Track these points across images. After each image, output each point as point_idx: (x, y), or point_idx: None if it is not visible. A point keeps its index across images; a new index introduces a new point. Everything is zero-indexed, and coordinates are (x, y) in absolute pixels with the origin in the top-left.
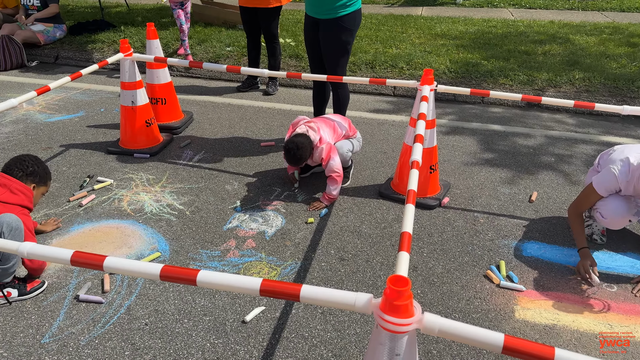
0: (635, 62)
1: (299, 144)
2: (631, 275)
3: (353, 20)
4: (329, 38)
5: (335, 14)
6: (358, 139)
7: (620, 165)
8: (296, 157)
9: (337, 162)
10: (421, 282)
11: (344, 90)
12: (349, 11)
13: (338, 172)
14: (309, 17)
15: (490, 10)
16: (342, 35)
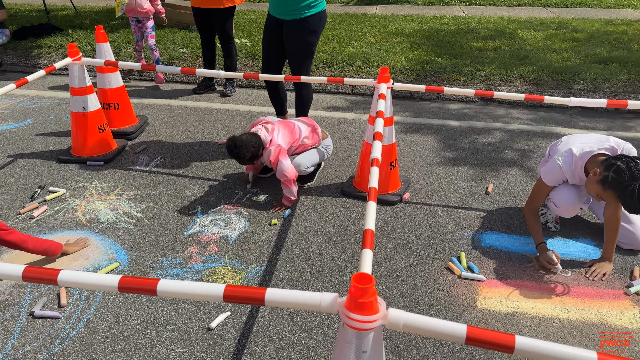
0: (579, 55)
1: (238, 142)
2: (584, 260)
3: (318, 20)
4: (294, 39)
5: (300, 14)
6: (324, 147)
7: (564, 156)
8: (234, 155)
9: (286, 166)
10: (386, 278)
11: (307, 91)
12: (314, 12)
13: (287, 177)
14: (272, 17)
15: (442, 8)
16: (307, 36)
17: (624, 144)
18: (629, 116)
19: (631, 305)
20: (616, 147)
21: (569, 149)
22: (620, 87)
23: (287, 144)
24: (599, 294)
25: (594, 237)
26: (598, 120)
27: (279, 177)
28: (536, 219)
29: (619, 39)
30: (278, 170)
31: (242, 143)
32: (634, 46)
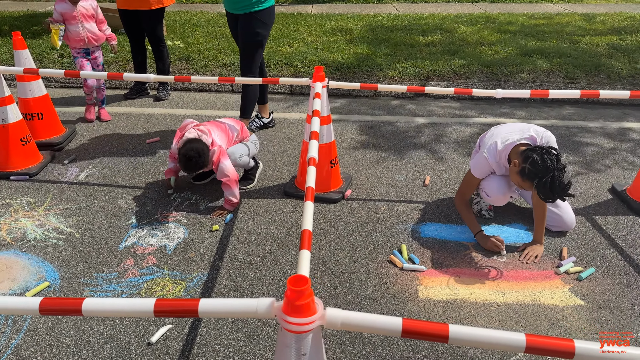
0: (506, 48)
1: (199, 150)
2: (517, 244)
3: (269, 15)
4: (247, 32)
5: (252, 8)
6: (253, 142)
7: (489, 149)
8: (198, 165)
9: (228, 166)
10: (330, 275)
11: (254, 87)
12: (265, 6)
13: (229, 177)
14: (229, 13)
15: (377, 6)
16: (258, 28)
17: (543, 132)
18: (551, 105)
19: (562, 284)
20: (536, 136)
21: (494, 142)
22: (544, 77)
23: (224, 144)
24: (532, 275)
25: (526, 222)
26: (523, 108)
27: (220, 178)
28: (469, 209)
29: (540, 32)
30: (220, 171)
31: (202, 151)
32: (554, 39)
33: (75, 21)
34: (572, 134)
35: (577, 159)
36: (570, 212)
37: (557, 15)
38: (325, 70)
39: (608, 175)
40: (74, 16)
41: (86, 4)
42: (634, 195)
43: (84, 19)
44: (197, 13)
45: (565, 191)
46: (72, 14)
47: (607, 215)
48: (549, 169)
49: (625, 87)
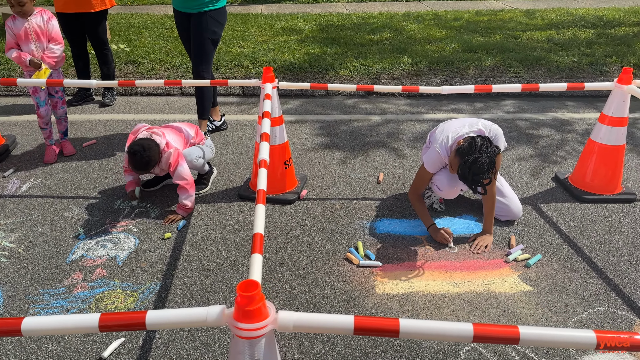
0: (452, 45)
1: (145, 145)
2: (468, 235)
3: (222, 14)
4: (201, 31)
5: (205, 7)
6: (209, 145)
7: (441, 144)
8: (144, 161)
9: (186, 169)
10: (288, 277)
11: (208, 89)
12: (219, 6)
13: (187, 180)
14: (179, 12)
15: (326, 5)
16: (213, 27)
17: (491, 125)
18: (496, 99)
19: (511, 272)
20: (484, 130)
21: (445, 137)
22: (489, 72)
23: (180, 148)
24: (483, 265)
25: (475, 213)
26: (471, 103)
27: (177, 181)
28: (422, 203)
29: (485, 28)
30: (177, 174)
31: (149, 146)
32: (497, 34)
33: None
34: (516, 126)
35: (522, 150)
36: (517, 201)
37: (501, 11)
38: (277, 71)
39: (551, 164)
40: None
41: (38, 19)
42: (575, 183)
43: (37, 38)
44: (143, 15)
45: (480, 178)
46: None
47: (552, 203)
48: (480, 150)
49: (564, 79)
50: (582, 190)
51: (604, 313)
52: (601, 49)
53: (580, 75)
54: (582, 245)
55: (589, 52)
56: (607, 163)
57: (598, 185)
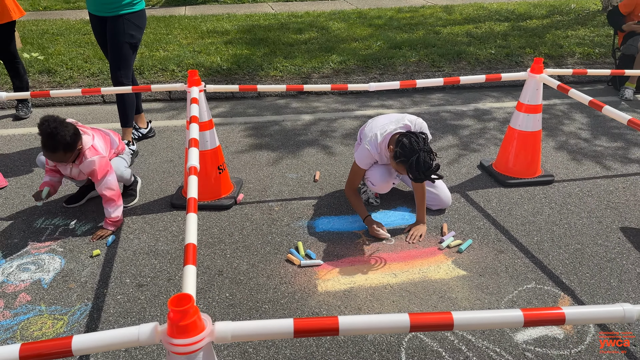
0: (378, 42)
1: (61, 121)
2: (403, 227)
3: (140, 17)
4: (118, 35)
5: (122, 10)
6: (127, 154)
7: (370, 141)
8: (55, 138)
9: (114, 179)
10: (228, 284)
11: (129, 94)
12: (137, 9)
13: (115, 191)
14: (94, 16)
15: (252, 6)
16: (131, 31)
17: (416, 120)
18: (422, 93)
19: (445, 258)
20: (410, 124)
21: (374, 134)
22: (414, 68)
23: (106, 155)
24: (419, 254)
25: (409, 205)
26: (398, 98)
27: (103, 192)
28: (357, 197)
29: (408, 25)
30: (104, 184)
31: (65, 125)
32: (420, 31)
33: None
34: (442, 118)
35: (448, 141)
36: (446, 190)
37: (421, 8)
38: (205, 73)
39: (476, 153)
40: None
41: None
42: (499, 169)
43: None
44: (57, 21)
45: (431, 171)
46: None
47: (478, 190)
48: (416, 150)
49: (483, 71)
50: (505, 176)
51: (532, 290)
52: (516, 41)
53: (498, 66)
54: (508, 228)
55: (504, 45)
56: (527, 148)
57: (519, 169)
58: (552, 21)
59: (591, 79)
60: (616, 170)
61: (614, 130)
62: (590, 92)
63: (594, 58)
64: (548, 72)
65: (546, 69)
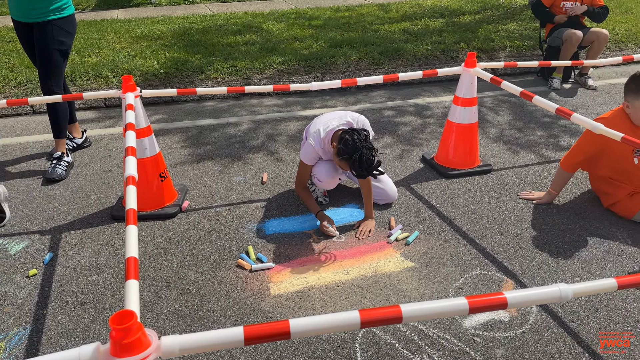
0: (318, 42)
1: None
2: (353, 223)
3: (70, 23)
4: (45, 42)
5: (49, 15)
6: None
7: (314, 137)
8: None
9: None
10: (177, 295)
11: (61, 104)
12: (66, 14)
13: None
14: (19, 22)
15: (188, 7)
16: (59, 37)
17: (358, 117)
18: (364, 90)
19: (394, 252)
20: (352, 121)
21: (317, 130)
22: (355, 66)
23: None
24: (369, 249)
25: (357, 201)
26: (341, 97)
27: None
28: (307, 193)
29: (346, 24)
30: None
31: None
32: (358, 29)
33: None
34: (385, 115)
35: (391, 136)
36: (391, 184)
37: (359, 7)
38: (141, 78)
39: (418, 147)
40: None
41: None
42: (440, 161)
43: None
44: None
45: (373, 167)
46: None
47: (422, 182)
48: (358, 147)
49: (421, 67)
50: (446, 167)
51: (477, 276)
52: (450, 37)
53: (435, 62)
54: (452, 218)
55: (440, 40)
56: (465, 140)
57: (459, 161)
58: (483, 16)
59: (522, 70)
60: (548, 156)
61: (544, 118)
62: (521, 83)
63: (524, 51)
64: (481, 65)
65: (479, 63)
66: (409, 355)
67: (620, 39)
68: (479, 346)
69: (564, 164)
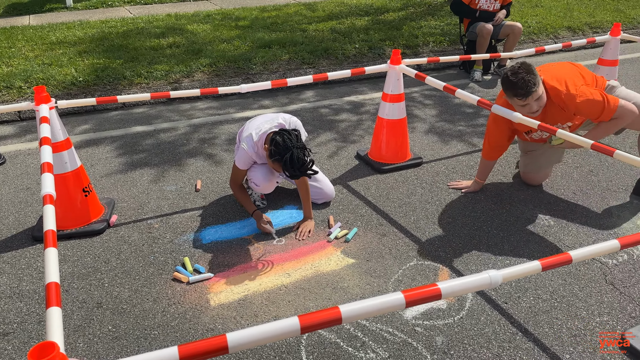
0: (246, 42)
1: None
2: (292, 225)
3: None
4: None
5: None
6: None
7: (247, 141)
8: None
9: None
10: (110, 316)
11: None
12: None
13: None
14: None
15: (107, 11)
16: None
17: (289, 118)
18: (296, 91)
19: (334, 250)
20: (284, 123)
21: (250, 134)
22: (285, 66)
23: None
24: (309, 250)
25: (295, 202)
26: (274, 98)
27: None
28: (243, 192)
29: (274, 24)
30: None
31: None
32: (286, 29)
33: None
34: (319, 114)
35: (325, 135)
36: (328, 183)
37: (285, 6)
38: (59, 88)
39: (352, 144)
40: None
41: None
42: (373, 157)
43: None
44: None
45: (306, 167)
46: None
47: (358, 179)
48: (289, 147)
49: (350, 65)
50: (380, 163)
51: (414, 267)
52: (376, 35)
53: (363, 60)
54: (388, 212)
55: (367, 39)
56: (396, 135)
57: (391, 156)
58: (406, 13)
59: (445, 65)
60: (474, 146)
61: (468, 110)
62: (445, 77)
63: (446, 46)
64: (406, 62)
65: (404, 60)
66: (354, 352)
67: (532, 31)
68: (420, 336)
69: (483, 153)
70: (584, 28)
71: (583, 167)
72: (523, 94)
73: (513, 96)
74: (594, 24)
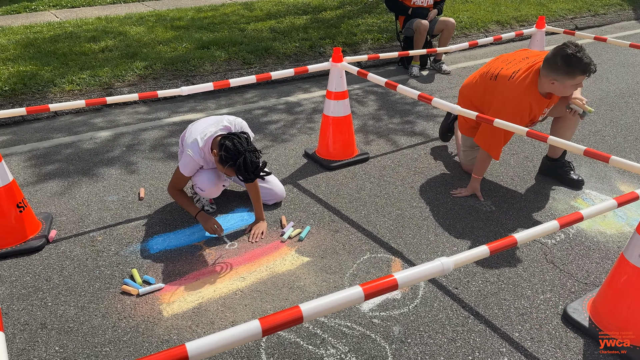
0: (183, 44)
1: None
2: (244, 227)
3: None
4: None
5: None
6: None
7: (192, 147)
8: None
9: None
10: (56, 336)
11: None
12: None
13: None
14: None
15: (31, 15)
16: None
17: (234, 120)
18: (237, 92)
19: (288, 249)
20: (230, 125)
21: (195, 139)
22: (225, 67)
23: None
24: (263, 251)
25: (246, 205)
26: (214, 100)
27: None
28: (183, 195)
29: (211, 24)
30: None
31: None
32: (224, 29)
33: None
34: (260, 114)
35: (271, 135)
36: (278, 183)
37: (222, 6)
38: None
39: (300, 143)
40: None
41: None
42: (321, 155)
43: None
44: None
45: (260, 169)
46: None
47: (308, 177)
48: (241, 152)
49: (291, 64)
50: (328, 160)
51: (368, 260)
52: (316, 33)
53: (304, 58)
54: (339, 208)
55: (307, 37)
56: (342, 132)
57: (339, 152)
58: (344, 12)
59: (384, 61)
60: (418, 139)
61: (409, 104)
62: (385, 74)
63: (384, 43)
64: (347, 59)
65: (345, 57)
66: (315, 349)
67: (464, 26)
68: (378, 327)
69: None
70: (511, 22)
71: (519, 154)
72: (594, 69)
73: (582, 73)
74: (520, 18)
